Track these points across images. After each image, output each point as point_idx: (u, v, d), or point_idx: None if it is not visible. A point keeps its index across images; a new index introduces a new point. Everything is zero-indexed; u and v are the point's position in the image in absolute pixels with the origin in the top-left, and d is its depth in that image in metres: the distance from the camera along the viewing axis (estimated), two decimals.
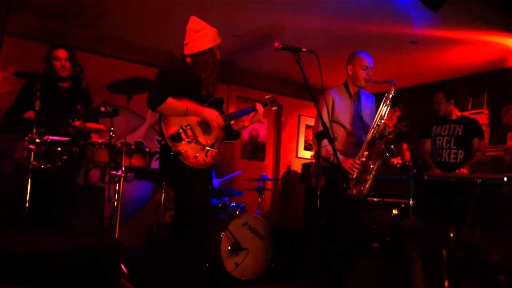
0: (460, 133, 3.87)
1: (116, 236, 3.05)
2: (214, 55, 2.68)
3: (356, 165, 2.88)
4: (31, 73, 2.96)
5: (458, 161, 3.84)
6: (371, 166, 2.88)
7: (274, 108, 3.08)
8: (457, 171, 3.63)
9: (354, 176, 2.88)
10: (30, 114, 3.09)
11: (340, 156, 2.90)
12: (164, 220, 3.97)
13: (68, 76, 3.44)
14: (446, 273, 1.54)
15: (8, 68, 4.09)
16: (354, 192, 2.87)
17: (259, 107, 2.88)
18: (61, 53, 3.39)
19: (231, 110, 5.75)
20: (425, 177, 3.68)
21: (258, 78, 6.21)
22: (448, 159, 3.87)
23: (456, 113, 3.98)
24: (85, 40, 4.72)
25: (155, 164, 4.80)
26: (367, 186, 2.87)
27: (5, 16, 1.66)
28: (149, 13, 4.25)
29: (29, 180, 2.76)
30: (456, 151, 3.86)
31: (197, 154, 2.54)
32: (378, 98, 3.18)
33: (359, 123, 3.08)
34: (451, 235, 1.50)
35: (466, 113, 4.75)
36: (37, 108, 2.83)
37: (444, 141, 3.91)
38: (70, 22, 4.57)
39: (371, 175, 2.87)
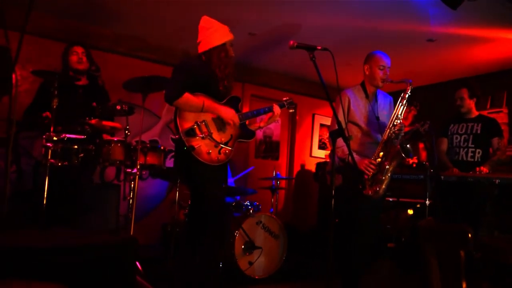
0: (478, 132, 3.81)
1: (131, 233, 3.08)
2: (226, 50, 2.69)
3: (372, 166, 2.86)
4: (49, 71, 3.01)
5: (475, 160, 3.78)
6: (387, 167, 2.85)
7: (291, 111, 3.08)
8: (477, 169, 3.57)
9: (370, 176, 2.86)
10: (47, 114, 3.14)
11: (356, 156, 2.88)
12: (178, 218, 4.00)
13: (85, 72, 3.49)
14: (464, 275, 1.51)
15: (27, 67, 4.16)
16: (370, 192, 2.85)
17: (276, 108, 2.88)
18: (78, 49, 3.48)
19: (246, 108, 5.76)
20: (442, 177, 3.63)
21: (273, 77, 6.20)
22: (465, 158, 3.81)
23: (474, 112, 3.92)
24: (103, 39, 4.79)
25: (169, 163, 4.84)
26: (383, 186, 2.85)
27: (25, 16, 1.69)
28: (165, 12, 4.28)
29: (47, 177, 2.80)
30: (474, 149, 3.80)
31: (210, 151, 2.55)
32: (394, 97, 3.15)
33: (375, 123, 3.06)
34: (469, 235, 1.48)
35: (485, 112, 4.67)
36: (54, 107, 2.88)
37: (462, 140, 3.85)
38: (88, 21, 4.63)
39: (387, 176, 2.85)
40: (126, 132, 3.21)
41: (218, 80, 2.66)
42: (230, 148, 2.66)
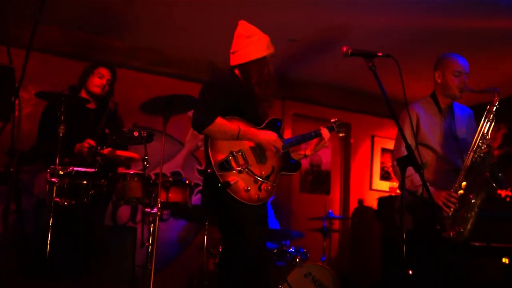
0: None
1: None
2: (268, 66, 2.74)
3: (452, 199, 2.80)
4: (55, 93, 3.14)
5: None
6: (473, 201, 2.80)
7: (341, 135, 3.08)
8: None
9: (450, 213, 2.80)
10: (90, 142, 3.26)
11: (431, 188, 2.82)
12: (207, 268, 4.00)
13: (97, 97, 3.62)
14: None
15: (28, 87, 4.36)
16: (451, 234, 2.78)
17: (325, 132, 2.88)
18: (106, 73, 3.64)
19: (287, 131, 5.78)
20: None
21: (319, 91, 6.21)
22: None
23: None
24: (115, 52, 4.99)
25: (195, 200, 4.89)
26: (468, 226, 2.78)
27: (31, 32, 1.80)
28: (188, 20, 4.43)
29: (51, 219, 2.88)
30: None
31: (249, 187, 2.56)
32: (476, 112, 3.07)
33: (453, 144, 3.02)
34: None
35: None
36: (61, 134, 2.98)
37: None
38: (98, 32, 4.85)
39: (472, 213, 2.79)
40: (145, 163, 3.28)
41: (257, 102, 2.70)
42: (271, 183, 2.66)
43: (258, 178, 2.61)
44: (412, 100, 3.15)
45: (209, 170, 2.56)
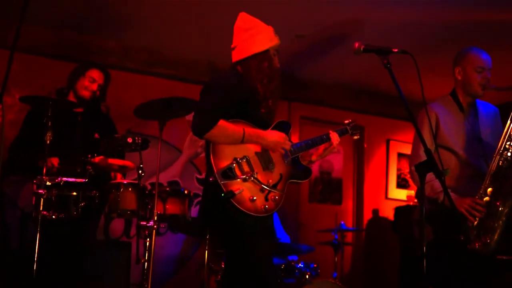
0: None
1: None
2: (271, 59, 2.72)
3: (478, 207, 2.78)
4: (41, 97, 3.14)
5: None
6: (500, 209, 2.78)
7: (355, 137, 3.06)
8: None
9: (475, 223, 2.79)
10: (53, 161, 3.25)
11: (453, 195, 2.80)
12: (208, 286, 3.99)
13: (86, 102, 3.62)
14: None
15: (12, 92, 4.36)
16: (477, 246, 2.77)
17: (334, 136, 2.86)
18: (98, 76, 3.62)
19: (294, 135, 5.76)
20: None
21: (329, 92, 6.22)
22: None
23: None
24: (108, 53, 5.02)
25: (195, 211, 4.87)
26: (496, 237, 2.77)
27: (16, 31, 1.79)
28: (187, 17, 4.44)
29: (38, 234, 2.87)
30: None
31: (255, 197, 2.54)
32: (504, 111, 3.06)
33: (477, 146, 3.01)
34: None
35: None
36: (48, 142, 2.98)
37: None
38: (89, 32, 4.87)
39: (500, 222, 2.77)
40: (140, 172, 3.27)
41: (260, 100, 2.68)
42: (280, 192, 2.65)
43: (265, 187, 2.59)
44: (429, 100, 3.14)
45: (211, 179, 2.54)
